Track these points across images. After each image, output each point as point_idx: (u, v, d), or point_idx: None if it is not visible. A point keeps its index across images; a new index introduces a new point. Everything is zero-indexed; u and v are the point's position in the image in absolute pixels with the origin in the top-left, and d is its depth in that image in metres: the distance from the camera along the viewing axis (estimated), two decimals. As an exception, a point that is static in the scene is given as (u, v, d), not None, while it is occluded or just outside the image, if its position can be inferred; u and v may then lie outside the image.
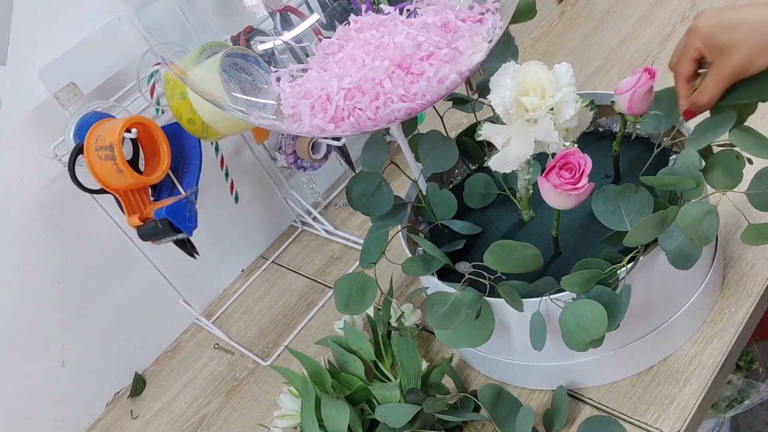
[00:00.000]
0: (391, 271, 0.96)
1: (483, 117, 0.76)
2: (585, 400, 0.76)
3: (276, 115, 0.71)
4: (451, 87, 0.65)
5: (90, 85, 0.87)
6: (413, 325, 0.88)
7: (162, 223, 0.84)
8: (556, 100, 0.62)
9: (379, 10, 0.72)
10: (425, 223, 0.83)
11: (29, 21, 0.85)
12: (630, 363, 0.75)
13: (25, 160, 0.89)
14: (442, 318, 0.66)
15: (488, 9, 0.68)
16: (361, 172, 0.78)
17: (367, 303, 0.73)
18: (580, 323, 0.63)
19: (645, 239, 0.63)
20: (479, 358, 0.81)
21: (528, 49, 1.35)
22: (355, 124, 0.64)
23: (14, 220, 0.90)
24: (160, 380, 1.05)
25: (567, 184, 0.62)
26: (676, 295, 0.73)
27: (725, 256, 0.83)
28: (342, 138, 1.07)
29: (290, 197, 1.18)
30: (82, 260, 0.97)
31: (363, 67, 0.64)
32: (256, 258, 1.19)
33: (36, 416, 0.97)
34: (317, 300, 1.06)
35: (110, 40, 0.88)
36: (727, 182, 0.64)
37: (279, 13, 0.80)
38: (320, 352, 0.95)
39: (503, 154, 0.66)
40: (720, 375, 0.74)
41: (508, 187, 0.80)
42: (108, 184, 0.82)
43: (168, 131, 0.86)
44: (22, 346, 0.94)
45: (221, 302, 1.13)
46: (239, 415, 0.94)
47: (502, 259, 0.64)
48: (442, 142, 0.79)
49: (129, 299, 1.04)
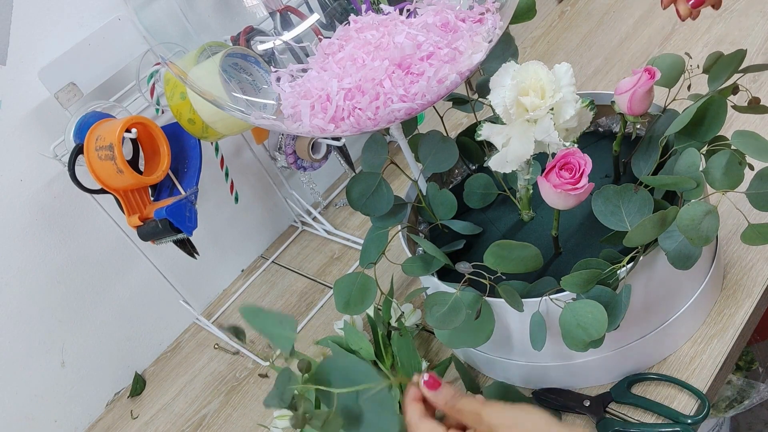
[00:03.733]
0: (391, 271, 0.96)
1: (483, 117, 0.76)
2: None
3: (276, 115, 0.71)
4: (451, 87, 0.65)
5: (90, 85, 0.87)
6: (413, 325, 0.88)
7: (162, 223, 0.84)
8: (556, 100, 0.62)
9: (379, 10, 0.72)
10: (425, 223, 0.83)
11: (29, 21, 0.85)
12: (630, 363, 0.75)
13: (25, 160, 0.89)
14: (442, 318, 0.66)
15: (488, 9, 0.68)
16: (361, 172, 0.78)
17: (367, 303, 0.73)
18: (580, 323, 0.63)
19: (645, 239, 0.63)
20: (479, 358, 0.81)
21: (528, 49, 1.35)
22: (355, 124, 0.64)
23: (14, 220, 0.90)
24: (160, 380, 1.05)
25: (567, 184, 0.62)
26: (676, 295, 0.73)
27: (725, 256, 0.83)
28: (342, 138, 1.07)
29: (290, 197, 1.18)
30: (82, 260, 0.97)
31: (363, 67, 0.64)
32: (256, 258, 1.19)
33: (36, 416, 0.97)
34: (317, 300, 1.06)
35: (110, 40, 0.88)
36: (727, 182, 0.64)
37: (279, 13, 0.80)
38: (320, 352, 0.95)
39: (503, 154, 0.66)
40: (720, 375, 0.74)
41: (508, 187, 0.80)
42: (108, 184, 0.82)
43: (168, 131, 0.86)
44: (22, 346, 0.94)
45: (221, 302, 1.13)
46: (239, 415, 0.94)
47: (502, 259, 0.65)
48: (442, 142, 0.79)
49: (129, 299, 1.04)
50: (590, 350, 0.63)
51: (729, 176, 0.64)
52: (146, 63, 0.88)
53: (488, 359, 0.79)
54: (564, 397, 0.75)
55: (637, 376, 0.75)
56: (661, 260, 0.66)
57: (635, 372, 0.75)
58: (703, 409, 0.70)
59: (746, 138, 0.64)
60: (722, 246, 0.83)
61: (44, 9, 0.86)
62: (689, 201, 0.63)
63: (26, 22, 0.85)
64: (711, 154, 0.66)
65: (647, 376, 0.75)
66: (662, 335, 0.73)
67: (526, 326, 0.67)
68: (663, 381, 0.74)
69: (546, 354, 0.69)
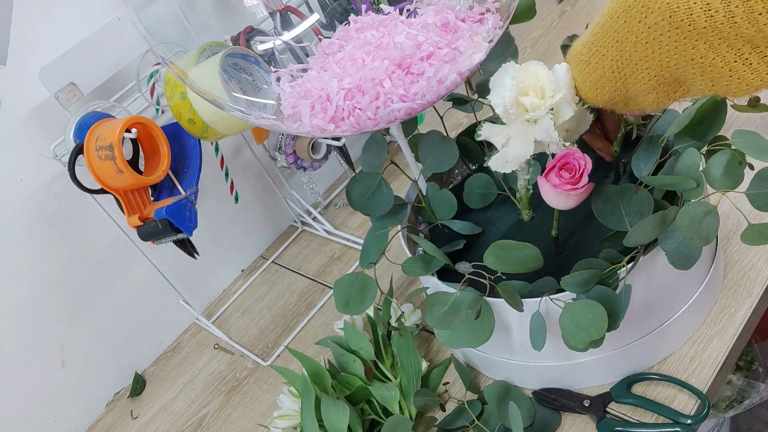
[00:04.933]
0: (391, 271, 0.96)
1: (483, 117, 0.76)
2: (585, 400, 0.76)
3: (276, 115, 0.71)
4: (451, 87, 0.65)
5: (90, 85, 0.87)
6: (413, 325, 0.88)
7: (162, 223, 0.84)
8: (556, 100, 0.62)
9: (379, 10, 0.72)
10: (425, 223, 0.83)
11: (29, 21, 0.85)
12: (630, 363, 0.75)
13: (25, 160, 0.89)
14: (442, 318, 0.66)
15: (488, 9, 0.68)
16: (361, 172, 0.78)
17: (367, 303, 0.73)
18: (580, 323, 0.63)
19: (645, 239, 0.63)
20: (479, 358, 0.81)
21: (528, 49, 1.35)
22: (355, 124, 0.64)
23: (14, 220, 0.90)
24: (160, 380, 1.05)
25: (567, 184, 0.62)
26: (676, 295, 0.73)
27: (725, 256, 0.83)
28: (342, 138, 1.07)
29: (290, 197, 1.18)
30: (82, 260, 0.97)
31: (363, 67, 0.64)
32: (256, 258, 1.19)
33: (36, 416, 0.97)
34: (317, 300, 1.06)
35: (110, 40, 0.88)
36: (728, 182, 0.64)
37: (279, 13, 0.80)
38: (320, 352, 0.95)
39: (503, 154, 0.66)
40: (720, 375, 0.74)
41: (508, 187, 0.80)
42: (108, 184, 0.82)
43: (168, 131, 0.86)
44: (22, 346, 0.94)
45: (221, 302, 1.13)
46: (239, 415, 0.94)
47: (502, 259, 0.64)
48: (442, 142, 0.79)
49: (129, 299, 1.04)
50: (590, 350, 0.63)
51: (729, 176, 0.64)
52: (146, 63, 0.88)
53: (488, 359, 0.79)
54: (564, 397, 0.76)
55: (637, 376, 0.75)
56: (661, 260, 0.66)
57: (635, 372, 0.75)
58: (703, 409, 0.70)
59: (746, 138, 0.64)
60: (722, 246, 0.83)
61: (44, 9, 0.86)
62: (689, 201, 0.63)
63: (26, 22, 0.85)
64: (711, 154, 0.66)
65: (647, 376, 0.75)
66: (662, 335, 0.73)
67: (526, 326, 0.67)
68: (663, 381, 0.74)
69: (546, 354, 0.69)
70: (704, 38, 0.46)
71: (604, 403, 0.74)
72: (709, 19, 0.45)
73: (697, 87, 0.51)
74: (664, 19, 0.47)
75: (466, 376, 0.80)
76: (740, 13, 0.43)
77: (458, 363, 0.81)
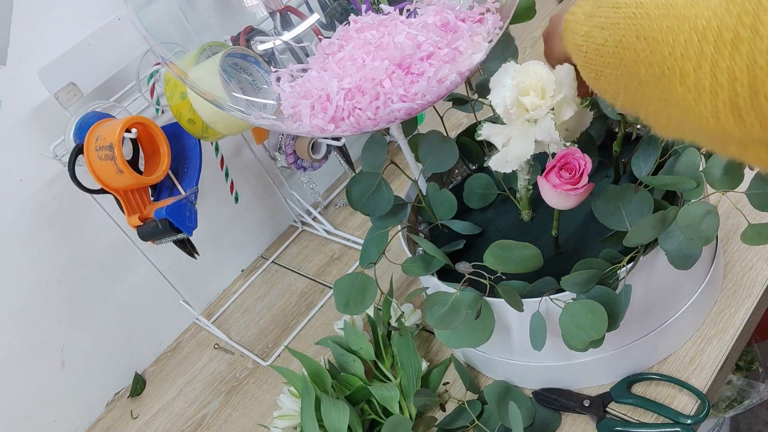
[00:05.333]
0: (391, 271, 0.96)
1: (483, 117, 0.76)
2: (585, 400, 0.76)
3: (276, 115, 0.71)
4: (451, 87, 0.65)
5: (90, 85, 0.87)
6: (413, 325, 0.88)
7: (162, 223, 0.84)
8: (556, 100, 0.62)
9: (379, 10, 0.72)
10: (425, 223, 0.83)
11: (29, 21, 0.85)
12: (630, 363, 0.75)
13: (25, 160, 0.89)
14: (442, 318, 0.66)
15: (488, 9, 0.68)
16: (361, 172, 0.78)
17: (367, 303, 0.73)
18: (580, 323, 0.63)
19: (645, 239, 0.63)
20: (479, 358, 0.81)
21: (528, 49, 1.35)
22: (355, 124, 0.64)
23: (14, 220, 0.90)
24: (160, 380, 1.05)
25: (567, 184, 0.62)
26: (676, 295, 0.73)
27: (725, 256, 0.83)
28: (342, 138, 1.07)
29: (290, 197, 1.18)
30: (82, 260, 0.97)
31: (363, 67, 0.64)
32: (256, 258, 1.19)
33: (36, 416, 0.97)
34: (317, 300, 1.06)
35: (110, 40, 0.88)
36: (727, 182, 0.64)
37: (279, 13, 0.80)
38: (320, 352, 0.95)
39: (503, 154, 0.66)
40: (720, 375, 0.74)
41: (508, 187, 0.80)
42: (108, 184, 0.82)
43: (168, 131, 0.86)
44: (22, 346, 0.94)
45: (221, 302, 1.13)
46: (239, 415, 0.94)
47: (502, 259, 0.64)
48: (442, 142, 0.79)
49: (129, 299, 1.04)
50: (590, 350, 0.63)
51: (729, 176, 0.64)
52: (146, 63, 0.88)
53: (488, 359, 0.79)
54: (564, 397, 0.76)
55: (637, 376, 0.75)
56: (661, 260, 0.66)
57: (635, 372, 0.75)
58: (703, 409, 0.70)
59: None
60: (722, 246, 0.83)
61: (44, 9, 0.86)
62: (689, 201, 0.63)
63: (26, 22, 0.85)
64: (711, 154, 0.66)
65: (647, 376, 0.75)
66: (662, 335, 0.73)
67: (526, 326, 0.67)
68: (663, 381, 0.74)
69: (546, 354, 0.69)
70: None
71: (604, 403, 0.74)
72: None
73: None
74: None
75: (466, 376, 0.80)
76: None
77: (458, 363, 0.81)
